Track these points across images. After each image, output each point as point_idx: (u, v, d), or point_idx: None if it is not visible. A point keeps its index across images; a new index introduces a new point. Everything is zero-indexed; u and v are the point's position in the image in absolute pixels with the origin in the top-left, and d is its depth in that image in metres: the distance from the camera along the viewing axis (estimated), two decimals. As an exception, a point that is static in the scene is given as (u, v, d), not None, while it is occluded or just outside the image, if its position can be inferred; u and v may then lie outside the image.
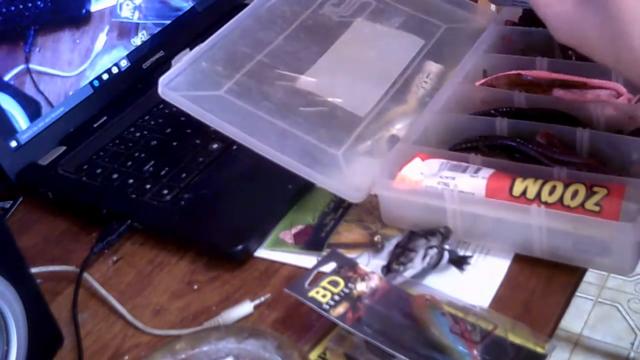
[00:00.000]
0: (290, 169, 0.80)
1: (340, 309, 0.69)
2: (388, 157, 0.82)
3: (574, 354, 1.78)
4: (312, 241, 0.81)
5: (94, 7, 1.01)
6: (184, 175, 0.88)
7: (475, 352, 0.65)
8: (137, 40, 1.06)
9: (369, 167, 0.81)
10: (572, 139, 0.80)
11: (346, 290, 0.71)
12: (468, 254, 0.76)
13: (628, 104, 0.83)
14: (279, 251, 0.81)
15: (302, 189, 0.85)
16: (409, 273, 0.73)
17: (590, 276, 1.91)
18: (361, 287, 0.71)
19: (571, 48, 0.70)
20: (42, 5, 0.96)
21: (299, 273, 0.77)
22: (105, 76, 1.03)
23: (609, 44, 0.64)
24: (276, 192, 0.85)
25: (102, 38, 1.02)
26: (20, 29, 0.94)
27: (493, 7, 1.03)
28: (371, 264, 0.77)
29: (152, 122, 0.98)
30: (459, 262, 0.75)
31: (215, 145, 0.92)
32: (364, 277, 0.72)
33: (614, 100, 0.83)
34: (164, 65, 1.06)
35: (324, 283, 0.71)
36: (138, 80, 1.05)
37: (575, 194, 0.73)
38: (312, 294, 0.70)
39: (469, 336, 0.66)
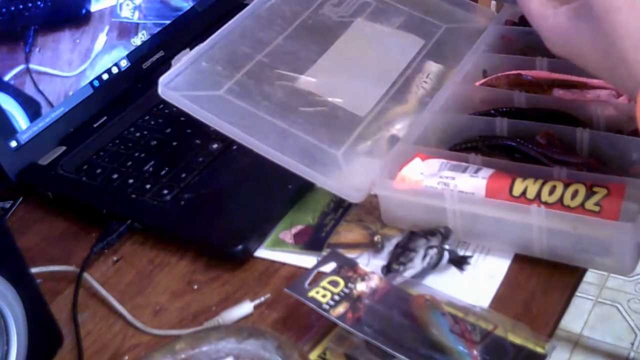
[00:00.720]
0: (290, 169, 0.80)
1: (340, 309, 0.69)
2: (388, 157, 0.82)
3: (574, 354, 1.78)
4: (312, 241, 0.81)
5: (94, 7, 1.01)
6: (184, 175, 0.88)
7: (475, 352, 0.65)
8: (137, 40, 1.06)
9: (369, 167, 0.81)
10: (572, 139, 0.80)
11: (346, 290, 0.71)
12: (468, 254, 0.76)
13: (628, 104, 0.83)
14: (279, 251, 0.81)
15: (302, 189, 0.85)
16: (409, 273, 0.73)
17: (590, 276, 1.91)
18: (361, 287, 0.71)
19: None
20: (42, 5, 0.96)
21: (299, 273, 0.77)
22: (105, 76, 1.03)
23: (603, 58, 0.65)
24: (276, 192, 0.85)
25: (102, 38, 1.02)
26: (20, 29, 0.94)
27: (493, 7, 1.03)
28: (371, 264, 0.77)
29: (152, 122, 0.98)
30: (459, 262, 0.75)
31: (215, 145, 0.92)
32: (364, 277, 0.72)
33: (614, 100, 0.83)
34: (164, 65, 1.06)
35: (324, 283, 0.71)
36: (138, 80, 1.05)
37: (575, 194, 0.73)
38: (312, 294, 0.70)
39: (469, 336, 0.66)
